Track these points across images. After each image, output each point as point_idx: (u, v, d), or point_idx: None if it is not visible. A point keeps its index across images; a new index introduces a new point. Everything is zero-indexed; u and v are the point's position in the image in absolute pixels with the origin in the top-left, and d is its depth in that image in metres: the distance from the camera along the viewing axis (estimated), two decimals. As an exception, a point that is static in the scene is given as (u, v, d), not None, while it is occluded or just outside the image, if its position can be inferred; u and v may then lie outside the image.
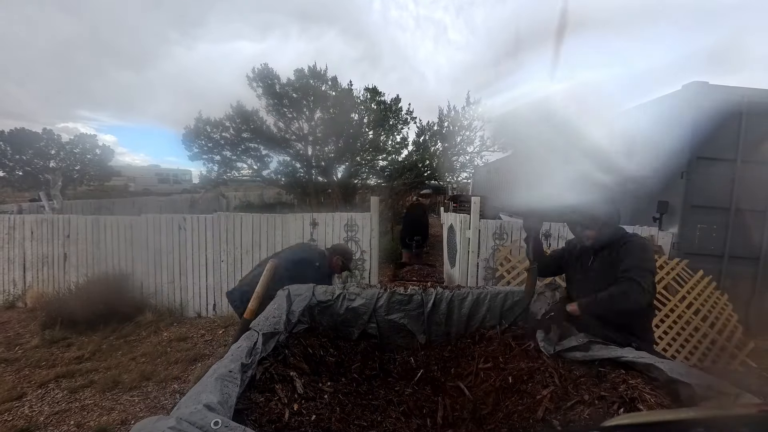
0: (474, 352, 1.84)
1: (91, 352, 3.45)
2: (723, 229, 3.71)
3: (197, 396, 1.02)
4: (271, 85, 8.70)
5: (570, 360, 1.49)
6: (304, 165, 9.34)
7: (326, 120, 8.74)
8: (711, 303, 3.43)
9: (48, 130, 22.47)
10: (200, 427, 0.83)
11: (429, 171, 8.77)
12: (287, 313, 1.73)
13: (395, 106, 9.40)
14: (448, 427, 1.47)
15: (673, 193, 3.74)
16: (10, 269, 4.82)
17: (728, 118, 3.54)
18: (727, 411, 0.94)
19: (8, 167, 21.24)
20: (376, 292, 1.99)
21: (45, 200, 6.28)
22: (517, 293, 1.97)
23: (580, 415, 1.22)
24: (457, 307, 1.97)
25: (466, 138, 8.90)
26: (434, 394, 1.70)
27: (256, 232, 4.44)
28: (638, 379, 1.26)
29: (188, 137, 9.23)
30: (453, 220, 4.76)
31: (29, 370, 3.15)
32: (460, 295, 1.98)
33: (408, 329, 2.00)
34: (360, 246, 4.33)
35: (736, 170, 3.62)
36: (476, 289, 2.02)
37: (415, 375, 1.82)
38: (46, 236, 4.72)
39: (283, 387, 1.36)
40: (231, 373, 1.16)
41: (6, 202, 9.93)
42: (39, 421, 2.52)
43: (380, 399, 1.62)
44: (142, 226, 4.53)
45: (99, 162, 24.02)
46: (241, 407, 1.17)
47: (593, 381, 1.35)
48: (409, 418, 1.52)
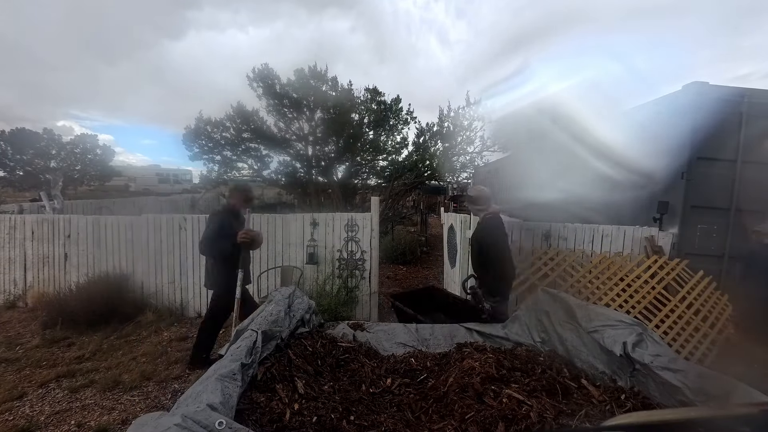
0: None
1: (91, 351, 3.45)
2: (723, 229, 3.71)
3: (198, 396, 1.02)
4: (271, 85, 8.70)
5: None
6: (305, 165, 9.33)
7: (326, 120, 8.74)
8: (711, 303, 3.43)
9: (49, 130, 22.51)
10: (205, 426, 0.84)
11: (429, 171, 8.76)
12: (287, 314, 1.73)
13: (395, 106, 9.39)
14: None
15: (673, 194, 3.73)
16: (11, 269, 4.83)
17: (728, 118, 3.54)
18: (727, 411, 0.94)
19: (9, 167, 21.27)
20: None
21: (46, 200, 6.29)
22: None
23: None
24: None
25: (467, 138, 8.89)
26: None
27: (256, 232, 4.44)
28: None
29: (188, 137, 9.24)
30: (453, 220, 4.76)
31: (30, 370, 3.16)
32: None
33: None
34: (360, 246, 4.33)
35: (737, 170, 3.62)
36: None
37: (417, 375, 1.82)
38: (47, 236, 4.72)
39: (284, 387, 1.36)
40: (232, 373, 1.16)
41: (7, 202, 9.93)
42: (40, 420, 2.52)
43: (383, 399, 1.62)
44: (142, 226, 4.53)
45: (99, 162, 24.05)
46: (242, 407, 1.17)
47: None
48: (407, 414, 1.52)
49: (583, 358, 1.69)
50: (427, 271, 6.80)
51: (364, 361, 1.87)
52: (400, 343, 2.10)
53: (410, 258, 7.40)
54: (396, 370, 1.81)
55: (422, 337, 2.16)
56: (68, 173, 20.82)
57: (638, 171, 3.50)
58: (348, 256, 4.35)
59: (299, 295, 2.09)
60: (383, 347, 2.06)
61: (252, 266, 4.49)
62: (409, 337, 2.15)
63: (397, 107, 9.39)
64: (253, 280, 4.45)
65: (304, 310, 2.00)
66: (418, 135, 9.36)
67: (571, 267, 3.64)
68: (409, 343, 2.09)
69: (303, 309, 2.00)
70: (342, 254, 4.36)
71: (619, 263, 3.61)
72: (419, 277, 6.46)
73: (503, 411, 1.34)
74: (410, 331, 2.21)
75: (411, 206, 12.49)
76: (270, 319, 1.64)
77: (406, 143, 9.68)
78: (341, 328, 2.19)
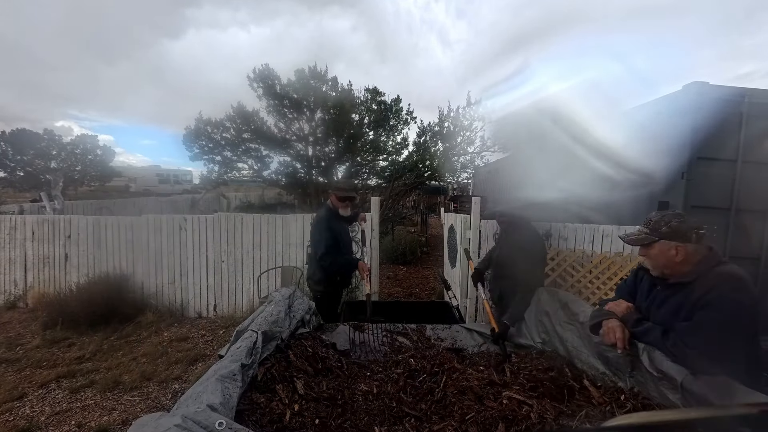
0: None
1: (92, 352, 3.46)
2: (723, 229, 3.71)
3: (198, 396, 1.02)
4: (271, 85, 8.71)
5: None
6: (305, 165, 9.34)
7: (327, 120, 8.75)
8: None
9: (49, 131, 22.52)
10: (205, 426, 0.84)
11: (429, 171, 8.76)
12: (288, 314, 1.74)
13: (396, 106, 9.40)
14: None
15: (673, 194, 3.73)
16: (11, 269, 4.83)
17: (729, 118, 3.53)
18: (727, 411, 0.94)
19: (9, 168, 21.28)
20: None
21: (46, 201, 6.30)
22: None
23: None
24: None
25: (467, 138, 8.90)
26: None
27: (256, 232, 4.44)
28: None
29: (189, 138, 9.25)
30: (453, 221, 4.76)
31: (30, 370, 3.16)
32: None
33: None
34: (360, 246, 4.33)
35: (737, 170, 3.62)
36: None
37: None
38: (47, 237, 4.73)
39: (284, 387, 1.36)
40: (232, 374, 1.17)
41: (7, 203, 9.94)
42: (40, 421, 2.52)
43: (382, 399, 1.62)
44: (142, 226, 4.54)
45: (100, 162, 24.07)
46: (243, 408, 1.18)
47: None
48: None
49: (583, 359, 1.69)
50: (428, 272, 6.80)
51: (363, 361, 1.87)
52: (400, 343, 2.10)
53: (410, 258, 7.40)
54: (396, 370, 1.81)
55: (422, 337, 2.16)
56: (68, 174, 20.83)
57: (638, 171, 3.50)
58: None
59: (299, 295, 2.09)
60: (383, 348, 2.06)
61: (252, 267, 4.50)
62: (408, 337, 2.15)
63: (397, 107, 9.40)
64: (254, 281, 4.45)
65: (304, 311, 2.00)
66: (419, 135, 9.37)
67: (572, 267, 3.64)
68: (409, 344, 2.08)
69: (303, 309, 2.00)
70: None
71: (620, 263, 3.60)
72: (419, 277, 6.46)
73: (503, 411, 1.34)
74: (410, 331, 2.21)
75: (411, 206, 12.50)
76: (270, 319, 1.64)
77: (407, 143, 9.70)
78: (341, 329, 2.19)
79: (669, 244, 1.35)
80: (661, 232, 1.37)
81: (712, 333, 1.21)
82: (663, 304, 1.41)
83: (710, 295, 1.24)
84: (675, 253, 1.34)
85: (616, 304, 1.55)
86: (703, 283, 1.28)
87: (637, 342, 1.40)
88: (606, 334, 1.43)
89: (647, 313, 1.48)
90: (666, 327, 1.34)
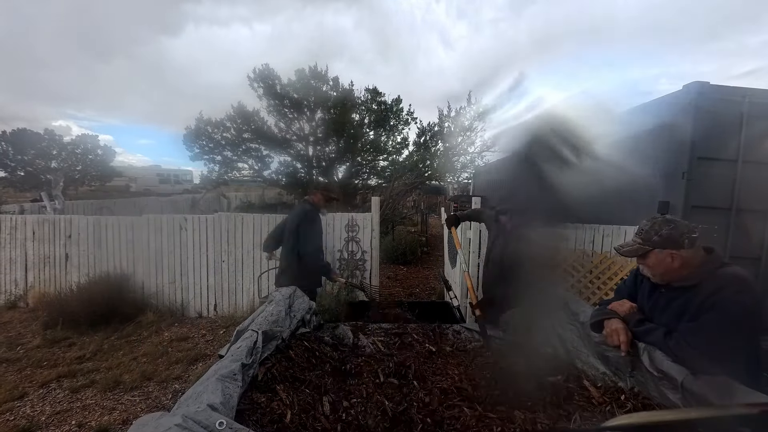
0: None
1: (92, 352, 3.46)
2: (724, 229, 3.71)
3: (198, 396, 1.02)
4: (271, 85, 8.72)
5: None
6: (305, 165, 9.35)
7: (327, 120, 8.76)
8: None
9: (50, 130, 22.56)
10: (205, 426, 0.84)
11: (430, 171, 8.77)
12: (288, 314, 1.74)
13: (396, 106, 9.41)
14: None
15: (673, 194, 3.73)
16: (11, 269, 4.84)
17: (729, 118, 3.53)
18: (727, 411, 0.94)
19: (10, 167, 21.32)
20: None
21: (47, 200, 6.31)
22: None
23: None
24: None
25: (467, 138, 8.90)
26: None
27: (257, 232, 4.44)
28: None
29: (189, 137, 9.26)
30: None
31: (31, 370, 3.16)
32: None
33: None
34: (361, 246, 4.33)
35: (737, 170, 3.62)
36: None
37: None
38: (48, 236, 4.73)
39: (285, 387, 1.36)
40: (232, 374, 1.17)
41: (8, 203, 9.95)
42: (40, 420, 2.52)
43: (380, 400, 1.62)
44: (143, 226, 4.54)
45: (100, 162, 24.10)
46: (243, 407, 1.18)
47: None
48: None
49: (583, 359, 1.68)
50: (428, 271, 6.81)
51: (363, 362, 1.87)
52: (399, 343, 2.09)
53: (411, 258, 7.40)
54: (395, 371, 1.81)
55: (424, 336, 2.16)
56: (69, 174, 20.86)
57: (638, 171, 3.50)
58: (348, 256, 4.35)
59: (300, 295, 2.09)
60: (383, 348, 2.06)
61: (253, 266, 4.51)
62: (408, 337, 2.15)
63: (397, 107, 9.41)
64: (254, 280, 4.45)
65: (304, 311, 2.00)
66: (419, 134, 9.37)
67: (572, 267, 3.64)
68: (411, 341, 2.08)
69: (303, 309, 2.00)
70: (342, 254, 4.36)
71: (620, 263, 3.60)
72: (419, 277, 6.46)
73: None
74: (409, 331, 2.21)
75: (411, 206, 12.50)
76: (270, 319, 1.64)
77: (407, 143, 9.71)
78: (341, 329, 2.19)
79: (663, 252, 1.35)
80: (653, 241, 1.37)
81: (715, 334, 1.21)
82: (667, 307, 1.41)
83: (715, 297, 1.24)
84: (671, 260, 1.34)
85: (619, 304, 1.55)
86: (707, 285, 1.27)
87: (637, 342, 1.41)
88: (609, 335, 1.43)
89: (650, 315, 1.48)
90: (669, 328, 1.34)
